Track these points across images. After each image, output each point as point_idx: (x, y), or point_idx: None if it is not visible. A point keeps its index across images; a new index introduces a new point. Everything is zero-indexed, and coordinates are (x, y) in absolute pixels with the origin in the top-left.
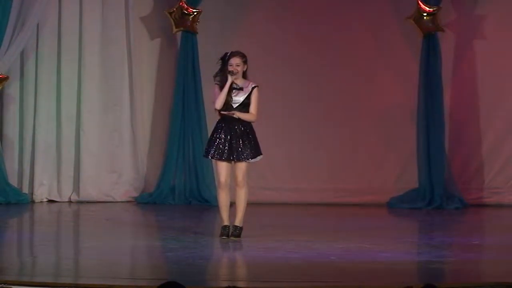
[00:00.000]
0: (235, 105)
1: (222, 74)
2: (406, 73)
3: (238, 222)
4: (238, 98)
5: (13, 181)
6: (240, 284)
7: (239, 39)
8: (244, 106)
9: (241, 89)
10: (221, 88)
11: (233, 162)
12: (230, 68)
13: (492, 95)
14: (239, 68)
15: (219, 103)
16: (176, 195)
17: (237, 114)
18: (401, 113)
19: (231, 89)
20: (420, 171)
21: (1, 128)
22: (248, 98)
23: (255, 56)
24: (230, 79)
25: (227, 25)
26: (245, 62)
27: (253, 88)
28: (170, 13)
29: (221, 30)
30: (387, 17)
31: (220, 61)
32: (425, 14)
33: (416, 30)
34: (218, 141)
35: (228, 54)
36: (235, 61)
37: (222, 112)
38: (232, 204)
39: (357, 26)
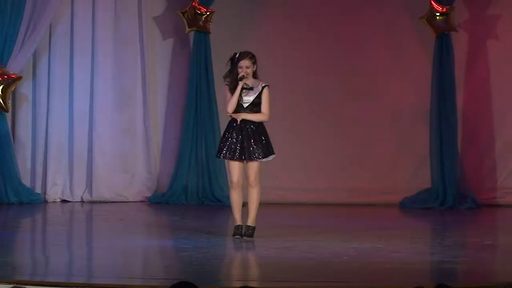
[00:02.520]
0: (245, 105)
1: (232, 75)
2: (419, 73)
3: (250, 222)
4: (248, 98)
5: (26, 181)
6: (253, 284)
7: (252, 39)
8: (255, 105)
9: (251, 89)
10: (232, 89)
11: (245, 161)
12: (240, 72)
13: (506, 95)
14: (249, 70)
15: (231, 107)
16: (189, 195)
17: (244, 116)
18: (414, 113)
19: (241, 89)
20: (433, 171)
21: (14, 128)
22: (258, 97)
23: (268, 55)
24: (240, 84)
25: (240, 25)
26: (254, 62)
27: (263, 87)
28: (183, 13)
29: (234, 30)
30: (400, 17)
31: (229, 62)
32: (438, 14)
33: (429, 30)
34: (230, 140)
35: (237, 55)
36: (244, 63)
37: (231, 114)
38: (245, 204)
39: (370, 26)
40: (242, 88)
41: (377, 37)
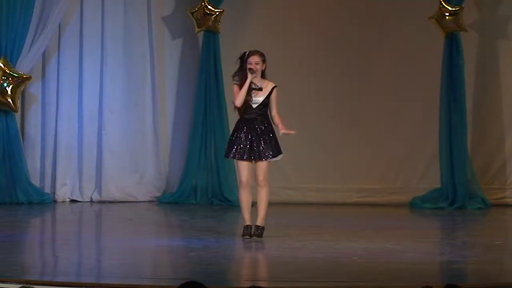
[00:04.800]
0: (254, 105)
1: (241, 73)
2: (428, 73)
3: (260, 222)
4: (258, 99)
5: (35, 181)
6: (262, 284)
7: (261, 39)
8: (264, 106)
9: (260, 89)
10: (241, 87)
11: (254, 161)
12: (249, 66)
13: None
14: (258, 67)
15: (239, 100)
16: (198, 195)
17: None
18: (424, 113)
19: (250, 89)
20: (443, 171)
21: (23, 128)
22: (267, 98)
23: (277, 55)
24: (249, 77)
25: (249, 25)
26: (264, 61)
27: (272, 88)
28: (192, 13)
29: (243, 30)
30: (409, 17)
31: (239, 60)
32: (447, 13)
33: (438, 30)
34: (239, 141)
35: (247, 53)
36: (254, 59)
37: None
38: (254, 204)
39: (379, 26)
40: (252, 89)
41: (386, 37)
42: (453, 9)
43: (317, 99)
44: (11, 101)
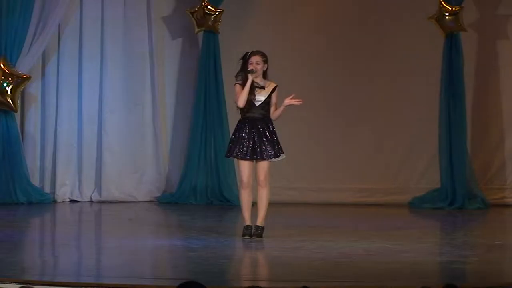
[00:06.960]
0: (257, 103)
1: (243, 73)
2: (428, 73)
3: (260, 222)
4: (261, 97)
5: (35, 181)
6: (262, 284)
7: (261, 39)
8: (266, 104)
9: (262, 87)
10: (243, 86)
11: (255, 161)
12: (250, 67)
13: None
14: (259, 67)
15: (242, 101)
16: (198, 195)
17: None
18: (423, 113)
19: (253, 87)
20: (442, 171)
21: (23, 128)
22: (269, 96)
23: (278, 55)
24: (250, 78)
25: (249, 25)
26: (265, 61)
27: (274, 88)
28: (192, 13)
29: (243, 30)
30: (409, 17)
31: (241, 60)
32: (447, 13)
33: (438, 30)
34: (241, 140)
35: (249, 53)
36: (255, 59)
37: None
38: (254, 204)
39: (379, 26)
40: (255, 87)
41: (387, 37)
42: (453, 9)
43: (317, 99)
44: (11, 101)
